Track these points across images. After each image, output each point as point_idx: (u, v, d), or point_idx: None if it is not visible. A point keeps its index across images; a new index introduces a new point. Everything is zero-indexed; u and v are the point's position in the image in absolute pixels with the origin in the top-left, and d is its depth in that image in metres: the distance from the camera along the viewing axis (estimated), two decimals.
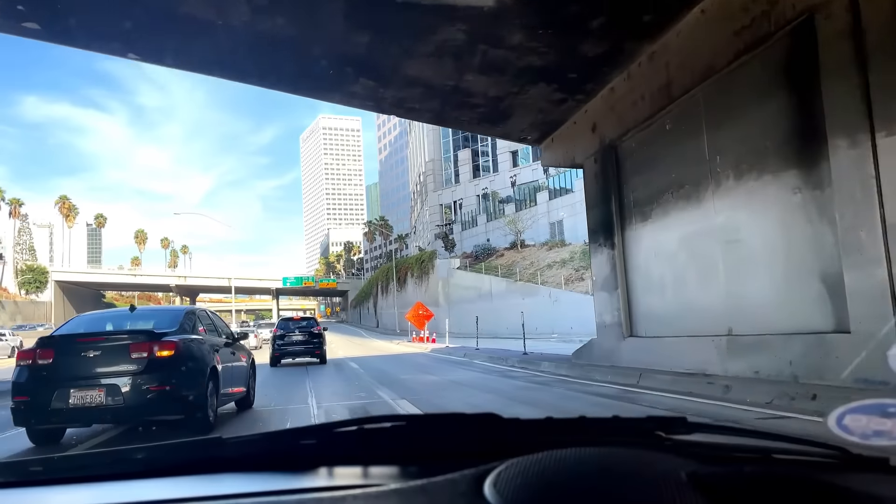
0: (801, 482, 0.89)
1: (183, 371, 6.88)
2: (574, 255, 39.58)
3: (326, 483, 1.04)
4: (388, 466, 1.07)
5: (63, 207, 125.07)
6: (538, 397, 9.53)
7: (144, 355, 6.62)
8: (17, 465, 1.19)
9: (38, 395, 6.54)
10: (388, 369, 17.36)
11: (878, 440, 0.94)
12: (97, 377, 6.52)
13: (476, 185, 66.38)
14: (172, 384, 6.70)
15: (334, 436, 1.18)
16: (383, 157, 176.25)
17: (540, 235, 48.88)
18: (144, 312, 8.46)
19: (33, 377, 6.64)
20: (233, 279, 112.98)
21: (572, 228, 46.69)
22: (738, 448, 1.02)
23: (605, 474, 0.87)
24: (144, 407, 6.58)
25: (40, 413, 6.60)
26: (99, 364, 6.56)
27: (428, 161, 71.88)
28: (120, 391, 6.48)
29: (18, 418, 6.74)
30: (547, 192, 50.27)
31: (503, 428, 1.12)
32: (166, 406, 6.72)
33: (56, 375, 6.56)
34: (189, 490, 1.01)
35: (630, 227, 11.04)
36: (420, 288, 53.72)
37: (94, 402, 6.45)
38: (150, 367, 6.60)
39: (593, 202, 12.61)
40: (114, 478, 1.11)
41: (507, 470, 0.87)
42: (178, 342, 6.93)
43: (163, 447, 1.20)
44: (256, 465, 1.12)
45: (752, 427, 1.19)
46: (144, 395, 6.54)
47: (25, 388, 6.64)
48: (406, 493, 0.90)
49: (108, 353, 6.62)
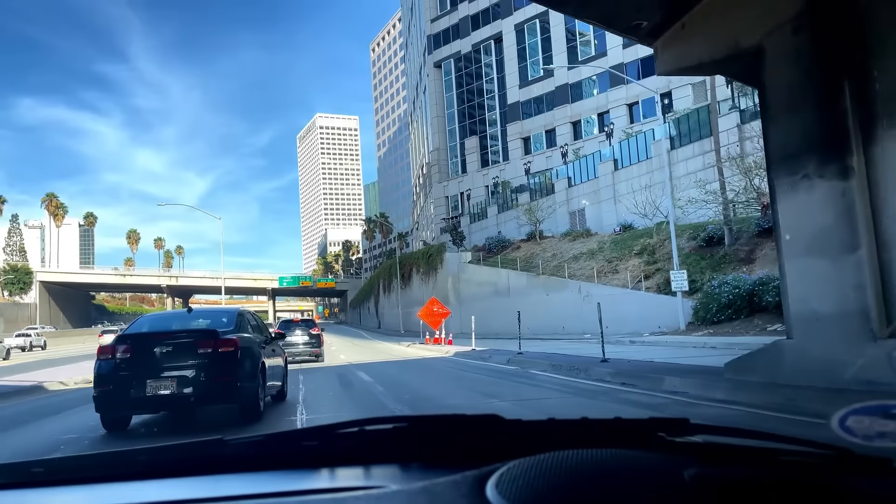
0: (803, 483, 0.89)
1: (241, 365, 7.86)
2: (603, 246, 35.32)
3: (328, 484, 1.05)
4: (389, 467, 1.07)
5: (50, 206, 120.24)
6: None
7: (209, 351, 7.65)
8: (19, 466, 1.16)
9: (119, 385, 7.53)
10: (413, 383, 13.05)
11: (881, 441, 0.94)
12: (169, 370, 7.53)
13: (485, 175, 62.03)
14: (232, 376, 7.72)
15: (336, 437, 1.18)
16: (382, 154, 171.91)
17: (559, 226, 44.62)
18: (200, 313, 9.44)
19: (114, 370, 7.61)
20: (226, 279, 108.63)
21: (596, 217, 42.42)
22: (741, 449, 1.01)
23: (607, 475, 0.87)
24: (209, 395, 7.65)
25: (121, 401, 7.58)
26: (171, 359, 7.59)
27: (432, 150, 67.47)
28: (189, 382, 7.52)
29: (100, 405, 7.64)
30: (566, 180, 46.00)
31: (505, 429, 1.11)
32: (227, 395, 7.77)
33: (134, 369, 7.56)
34: (191, 491, 1.02)
35: (885, 138, 6.39)
36: (427, 285, 49.37)
37: (167, 392, 7.49)
38: (214, 360, 7.63)
39: (787, 106, 7.79)
40: (115, 479, 1.10)
41: (510, 471, 0.88)
42: (237, 339, 7.94)
43: (164, 448, 1.17)
44: (258, 466, 1.12)
45: (754, 428, 1.11)
46: (209, 385, 7.58)
47: (107, 379, 7.60)
48: (408, 494, 0.91)
49: (178, 349, 7.64)
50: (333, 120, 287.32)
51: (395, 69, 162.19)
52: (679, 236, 31.35)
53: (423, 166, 77.87)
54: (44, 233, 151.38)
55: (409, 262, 55.16)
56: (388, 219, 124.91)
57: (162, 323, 8.98)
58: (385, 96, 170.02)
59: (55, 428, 8.56)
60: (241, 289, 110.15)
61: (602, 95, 52.07)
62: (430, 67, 67.55)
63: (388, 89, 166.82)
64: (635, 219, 36.61)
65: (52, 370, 20.32)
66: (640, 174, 38.78)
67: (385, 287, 67.18)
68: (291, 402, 10.27)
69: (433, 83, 67.22)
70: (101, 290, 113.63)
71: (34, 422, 9.49)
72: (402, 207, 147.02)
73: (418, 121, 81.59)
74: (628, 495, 0.82)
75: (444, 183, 66.43)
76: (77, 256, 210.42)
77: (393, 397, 10.25)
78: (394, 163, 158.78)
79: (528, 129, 58.24)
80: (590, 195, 43.81)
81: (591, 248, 35.93)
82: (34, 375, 18.06)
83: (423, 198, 78.79)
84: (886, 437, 0.94)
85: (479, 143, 62.97)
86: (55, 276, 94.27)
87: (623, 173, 40.63)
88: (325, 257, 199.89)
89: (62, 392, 14.06)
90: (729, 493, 0.82)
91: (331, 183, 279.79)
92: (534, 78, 57.92)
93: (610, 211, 41.40)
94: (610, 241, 35.89)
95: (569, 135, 54.22)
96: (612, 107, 50.94)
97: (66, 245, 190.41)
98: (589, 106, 53.28)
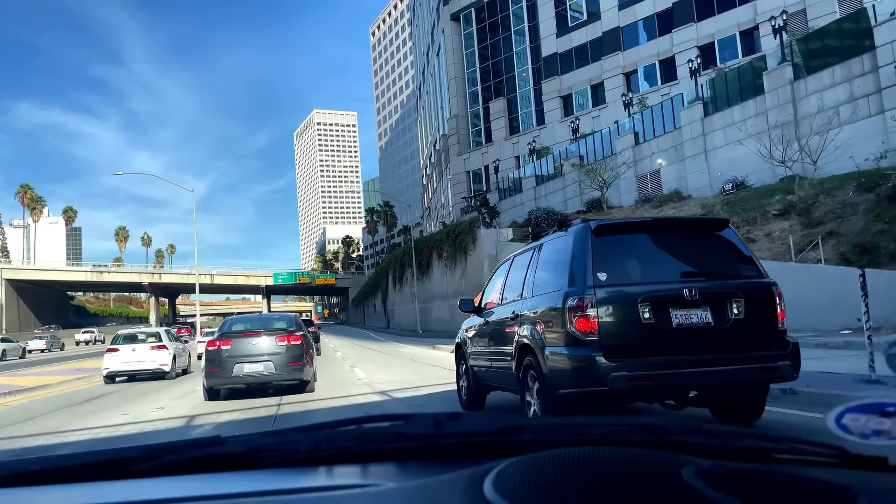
0: (800, 482, 0.90)
1: (304, 353, 11.05)
2: (711, 210, 25.46)
3: (326, 482, 1.04)
4: (387, 465, 1.08)
5: (25, 198, 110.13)
6: None
7: (285, 343, 10.82)
8: (16, 464, 1.15)
9: (224, 366, 10.61)
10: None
11: (877, 439, 0.94)
12: (259, 356, 10.69)
13: (515, 143, 52.00)
14: (300, 360, 10.87)
15: (334, 435, 1.18)
16: (384, 144, 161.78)
17: (621, 194, 34.78)
18: (268, 316, 13.59)
19: (219, 356, 10.65)
20: (216, 275, 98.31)
21: (677, 179, 32.55)
22: (739, 448, 1.01)
23: (604, 473, 0.87)
24: (284, 374, 10.80)
25: (225, 377, 10.67)
26: (259, 348, 10.76)
27: (450, 118, 57.33)
28: (273, 364, 10.67)
29: (209, 380, 10.78)
30: (630, 136, 36.08)
31: (503, 427, 1.11)
32: (296, 374, 10.90)
33: (233, 355, 10.63)
34: (189, 489, 1.02)
35: None
36: (452, 273, 39.42)
37: (256, 371, 10.63)
38: (289, 350, 10.80)
39: None
40: (113, 477, 1.09)
41: (507, 469, 0.88)
42: (302, 335, 11.23)
43: (162, 447, 1.16)
44: (256, 465, 1.11)
45: (751, 428, 1.00)
46: (285, 367, 10.73)
47: (215, 362, 10.66)
48: (405, 492, 0.92)
49: (265, 341, 10.82)
50: (331, 116, 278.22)
51: (396, 52, 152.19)
52: (837, 188, 21.62)
53: (435, 143, 67.80)
54: (29, 232, 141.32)
55: (429, 247, 45.12)
56: (393, 209, 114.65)
57: (243, 323, 11.96)
58: (386, 82, 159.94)
59: None
60: (233, 286, 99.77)
61: (665, 38, 42.17)
62: (446, 21, 57.46)
63: (390, 74, 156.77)
64: (744, 173, 26.89)
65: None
66: (744, 117, 28.84)
67: (395, 280, 57.12)
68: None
69: (450, 40, 57.14)
70: (76, 289, 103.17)
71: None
72: (405, 200, 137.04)
73: (429, 92, 71.46)
74: (626, 493, 0.82)
75: (464, 156, 56.35)
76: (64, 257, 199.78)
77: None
78: (396, 152, 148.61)
79: (568, 85, 48.26)
80: (667, 152, 33.86)
81: (693, 215, 25.89)
82: None
83: (437, 180, 68.75)
84: (882, 434, 0.93)
85: (506, 107, 52.89)
86: (21, 273, 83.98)
87: (717, 119, 30.69)
88: (324, 255, 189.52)
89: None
90: (726, 491, 0.81)
91: (329, 180, 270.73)
92: (575, 23, 47.96)
93: (699, 169, 31.45)
94: (720, 203, 25.98)
95: (621, 88, 44.29)
96: (679, 50, 41.01)
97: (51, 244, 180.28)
98: (648, 52, 43.35)
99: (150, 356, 16.23)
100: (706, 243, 5.69)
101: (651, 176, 34.75)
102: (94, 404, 12.03)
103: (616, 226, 5.74)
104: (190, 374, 17.90)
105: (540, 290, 5.91)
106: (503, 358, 6.58)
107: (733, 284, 5.28)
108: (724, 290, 5.21)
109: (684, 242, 5.68)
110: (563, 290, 5.28)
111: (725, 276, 5.41)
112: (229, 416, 9.09)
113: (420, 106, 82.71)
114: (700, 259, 5.58)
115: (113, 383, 15.98)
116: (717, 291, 5.19)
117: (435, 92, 66.58)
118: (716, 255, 5.65)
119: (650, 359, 5.00)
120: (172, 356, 16.55)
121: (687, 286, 5.12)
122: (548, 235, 6.37)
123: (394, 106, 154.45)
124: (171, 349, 16.63)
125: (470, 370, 7.90)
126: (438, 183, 67.16)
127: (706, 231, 5.88)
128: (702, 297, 5.09)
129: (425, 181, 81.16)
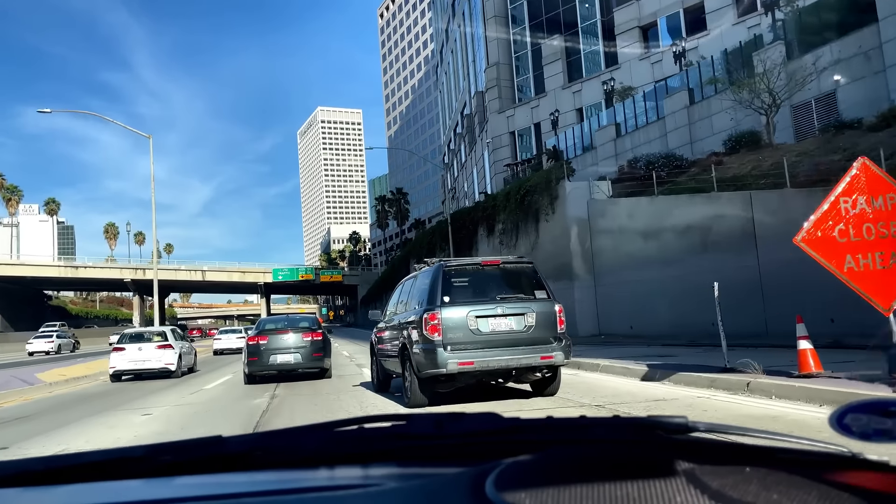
0: (801, 482, 0.90)
1: (325, 347, 14.03)
2: None
3: (327, 482, 1.04)
4: (388, 466, 1.08)
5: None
6: None
7: (310, 338, 13.79)
8: (17, 464, 1.14)
9: (261, 356, 13.56)
10: None
11: (879, 440, 0.94)
12: (289, 348, 13.66)
13: (576, 93, 40.73)
14: (322, 353, 13.84)
15: (334, 435, 1.18)
16: (392, 133, 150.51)
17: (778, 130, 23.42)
18: (294, 317, 15.86)
19: (257, 348, 13.61)
20: (208, 271, 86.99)
21: (863, 100, 21.17)
22: (739, 448, 1.02)
23: (605, 473, 0.87)
24: (309, 364, 13.73)
25: (262, 365, 13.60)
26: (289, 342, 13.75)
27: (488, 68, 45.93)
28: (300, 355, 13.63)
29: (250, 367, 13.71)
30: (781, 47, 24.93)
31: (504, 427, 1.12)
32: (318, 364, 13.82)
33: (269, 348, 13.59)
34: (189, 489, 1.02)
35: None
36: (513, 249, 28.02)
37: (287, 361, 13.59)
38: (313, 344, 13.75)
39: None
40: (114, 477, 1.09)
41: (509, 469, 0.88)
42: (323, 332, 14.20)
43: (163, 446, 1.16)
44: (257, 464, 1.12)
45: (752, 427, 1.12)
46: (310, 357, 13.67)
47: (254, 354, 13.62)
48: (407, 493, 0.92)
49: (293, 337, 13.81)
50: (336, 114, 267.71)
51: (407, 33, 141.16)
52: None
53: (464, 108, 56.51)
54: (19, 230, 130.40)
55: (472, 220, 33.84)
56: (407, 196, 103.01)
57: (275, 323, 15.05)
58: (396, 66, 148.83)
59: None
60: (227, 283, 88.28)
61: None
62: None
63: (400, 57, 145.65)
64: None
65: None
66: None
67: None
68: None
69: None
70: (48, 287, 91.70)
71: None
72: (417, 193, 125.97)
73: (454, 50, 60.14)
74: (626, 493, 0.82)
75: (507, 112, 44.99)
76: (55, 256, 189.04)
77: None
78: (405, 143, 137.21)
79: (650, 11, 37.02)
80: (846, 63, 22.50)
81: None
82: None
83: (466, 153, 57.44)
84: (884, 435, 0.92)
85: (563, 48, 41.62)
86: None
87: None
88: (329, 254, 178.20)
89: None
90: (726, 490, 0.81)
91: (334, 179, 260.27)
92: None
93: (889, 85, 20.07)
94: None
95: (731, 7, 33.00)
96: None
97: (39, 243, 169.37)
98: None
99: (156, 355, 16.95)
100: (516, 275, 8.81)
101: (821, 100, 23.34)
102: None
103: (458, 266, 8.71)
104: (196, 372, 18.98)
105: (412, 305, 9.21)
106: (394, 353, 9.63)
107: (529, 304, 8.36)
108: (523, 308, 8.31)
109: (502, 275, 8.76)
110: (423, 306, 8.45)
111: (525, 298, 8.45)
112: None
113: (442, 71, 71.26)
114: (510, 287, 8.63)
115: (119, 381, 17.00)
116: (519, 309, 8.28)
117: (462, 48, 55.31)
118: (521, 284, 8.70)
119: (474, 352, 8.02)
120: (178, 355, 17.19)
121: (499, 305, 8.26)
122: (423, 269, 9.46)
123: (404, 92, 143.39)
124: (176, 348, 17.25)
125: (378, 362, 11.15)
126: (469, 155, 55.78)
127: (517, 267, 8.89)
128: (508, 313, 8.23)
129: (448, 158, 69.74)
